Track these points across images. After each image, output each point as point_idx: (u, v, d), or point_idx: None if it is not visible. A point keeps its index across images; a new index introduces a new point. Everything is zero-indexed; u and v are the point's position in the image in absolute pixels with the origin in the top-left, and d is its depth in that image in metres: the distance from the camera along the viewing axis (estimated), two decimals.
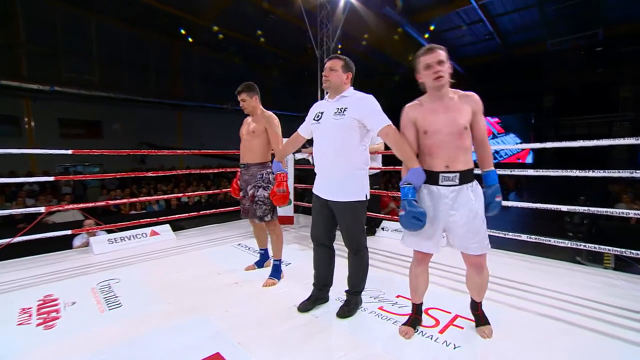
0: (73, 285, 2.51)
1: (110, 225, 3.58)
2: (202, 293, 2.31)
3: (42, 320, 1.95)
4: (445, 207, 1.59)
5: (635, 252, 2.33)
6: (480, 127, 1.61)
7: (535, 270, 2.67)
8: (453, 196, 1.58)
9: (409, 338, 1.70)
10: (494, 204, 1.61)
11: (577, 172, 2.45)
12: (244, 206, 2.61)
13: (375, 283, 2.34)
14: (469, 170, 1.59)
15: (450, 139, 1.56)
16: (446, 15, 10.53)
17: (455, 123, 1.55)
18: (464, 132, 1.56)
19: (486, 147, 1.64)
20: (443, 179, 1.58)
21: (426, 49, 1.59)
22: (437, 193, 1.60)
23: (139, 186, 9.41)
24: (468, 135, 1.58)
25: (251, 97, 2.46)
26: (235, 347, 1.63)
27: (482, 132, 1.61)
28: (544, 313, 1.97)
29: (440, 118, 1.57)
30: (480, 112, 1.60)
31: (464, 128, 1.55)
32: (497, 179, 1.64)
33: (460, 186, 1.57)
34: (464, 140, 1.56)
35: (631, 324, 1.84)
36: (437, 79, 1.54)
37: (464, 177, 1.57)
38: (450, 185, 1.58)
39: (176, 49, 13.85)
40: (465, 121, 1.56)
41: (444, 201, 1.59)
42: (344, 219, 1.91)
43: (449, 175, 1.57)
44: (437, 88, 1.57)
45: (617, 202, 6.61)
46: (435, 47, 1.58)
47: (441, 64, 1.54)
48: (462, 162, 1.57)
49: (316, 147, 1.97)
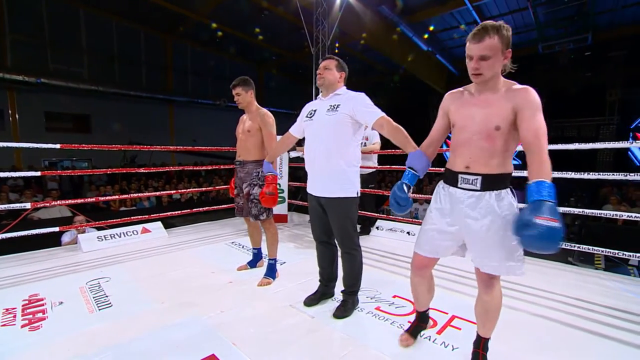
0: (60, 284, 2.43)
1: (101, 222, 3.49)
2: (196, 292, 2.25)
3: (28, 321, 1.88)
4: (460, 212, 1.37)
5: (623, 253, 2.37)
6: (526, 128, 1.26)
7: (529, 271, 2.67)
8: (471, 202, 1.35)
9: (406, 347, 1.63)
10: (532, 231, 1.07)
11: (572, 174, 2.48)
12: (238, 204, 2.56)
13: (371, 283, 2.32)
14: (498, 175, 1.32)
15: (476, 138, 1.33)
16: (441, 16, 10.59)
17: (485, 121, 1.31)
18: (494, 133, 1.30)
19: (534, 153, 1.24)
20: (462, 181, 1.37)
21: (474, 32, 1.28)
22: (454, 196, 1.40)
23: (129, 182, 9.23)
24: (502, 136, 1.30)
25: (246, 92, 2.43)
26: (230, 349, 1.60)
27: (529, 133, 1.25)
28: (538, 313, 1.99)
29: (471, 113, 1.36)
30: (529, 110, 1.26)
31: (494, 128, 1.30)
32: (548, 196, 1.12)
33: (482, 192, 1.33)
34: (494, 142, 1.30)
35: (621, 324, 1.87)
36: (474, 76, 1.32)
37: (488, 182, 1.32)
38: (470, 189, 1.35)
39: (169, 43, 13.63)
40: (499, 120, 1.29)
41: (460, 206, 1.37)
42: (335, 216, 1.91)
43: (468, 178, 1.35)
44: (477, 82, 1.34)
45: (604, 204, 6.76)
46: (484, 34, 1.25)
47: (484, 59, 1.27)
48: (487, 164, 1.32)
49: (308, 144, 1.97)
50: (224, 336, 1.70)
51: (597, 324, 1.87)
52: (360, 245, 2.00)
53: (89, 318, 1.93)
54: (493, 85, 1.33)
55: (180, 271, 2.66)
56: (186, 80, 14.44)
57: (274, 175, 2.22)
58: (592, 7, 8.81)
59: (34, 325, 1.83)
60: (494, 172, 1.32)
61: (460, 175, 1.38)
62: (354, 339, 1.70)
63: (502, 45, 1.26)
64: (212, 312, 1.96)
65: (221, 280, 2.48)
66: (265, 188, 2.20)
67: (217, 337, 1.69)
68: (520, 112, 1.27)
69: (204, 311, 1.98)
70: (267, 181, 2.21)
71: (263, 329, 1.80)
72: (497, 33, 1.25)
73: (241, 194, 2.49)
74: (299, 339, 1.71)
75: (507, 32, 1.27)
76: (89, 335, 1.74)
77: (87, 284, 2.40)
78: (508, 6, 9.89)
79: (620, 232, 4.69)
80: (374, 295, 2.20)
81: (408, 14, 10.35)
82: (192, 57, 14.38)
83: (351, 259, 1.98)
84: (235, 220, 4.52)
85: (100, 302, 2.13)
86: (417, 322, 1.72)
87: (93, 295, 2.22)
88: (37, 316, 1.93)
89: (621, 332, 1.79)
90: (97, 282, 2.44)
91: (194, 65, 14.51)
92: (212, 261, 2.90)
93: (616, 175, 2.30)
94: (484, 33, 1.25)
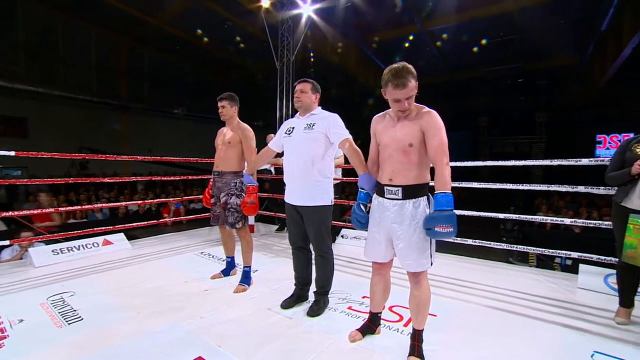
0: (16, 301, 2.27)
1: (56, 235, 3.28)
2: (173, 301, 2.26)
3: None
4: (388, 219, 1.61)
5: (550, 251, 2.84)
6: (430, 146, 1.53)
7: (478, 270, 3.06)
8: (396, 210, 1.59)
9: (353, 342, 1.77)
10: (431, 233, 1.48)
11: (510, 185, 2.91)
12: (214, 213, 2.62)
13: (342, 286, 2.51)
14: (415, 186, 1.57)
15: (396, 154, 1.59)
16: (397, 38, 11.45)
17: (402, 140, 1.57)
18: (409, 150, 1.56)
19: (437, 168, 1.53)
20: (387, 192, 1.62)
21: (396, 83, 1.49)
22: (383, 205, 1.64)
23: (77, 193, 8.54)
24: (416, 152, 1.56)
25: (232, 107, 2.57)
26: (217, 350, 1.67)
27: (432, 151, 1.53)
28: (484, 304, 2.32)
29: (391, 134, 1.61)
30: (432, 131, 1.52)
31: (408, 145, 1.55)
32: (447, 205, 1.46)
33: (403, 201, 1.58)
34: (410, 157, 1.56)
35: (549, 309, 2.26)
36: (402, 112, 1.57)
37: (408, 192, 1.57)
38: (394, 199, 1.60)
39: (124, 47, 12.97)
40: (412, 139, 1.55)
41: (387, 214, 1.62)
42: (312, 223, 2.09)
43: (392, 189, 1.60)
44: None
45: (537, 212, 7.71)
46: (405, 81, 1.48)
47: (409, 99, 1.52)
48: (407, 177, 1.57)
49: (287, 158, 2.16)
50: (208, 340, 1.76)
51: (529, 310, 2.24)
52: (332, 250, 2.19)
53: (58, 333, 1.86)
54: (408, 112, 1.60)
55: (152, 282, 2.62)
56: (142, 87, 13.80)
57: (255, 186, 2.36)
58: (522, 42, 10.19)
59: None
60: (412, 183, 1.58)
61: (386, 187, 1.63)
62: (331, 335, 1.86)
63: (415, 82, 1.53)
64: (192, 319, 2.00)
65: (196, 288, 2.50)
66: (247, 198, 2.32)
67: (202, 341, 1.75)
68: (426, 132, 1.54)
69: (183, 318, 2.01)
70: (249, 191, 2.33)
71: (245, 330, 1.89)
72: (411, 75, 1.51)
73: (218, 203, 2.56)
74: (280, 336, 1.84)
75: (415, 72, 1.53)
76: (64, 349, 1.69)
77: (49, 300, 2.29)
78: (456, 34, 10.99)
79: (548, 235, 5.42)
80: (345, 297, 2.39)
81: (367, 34, 11.05)
82: (149, 63, 13.81)
83: (324, 262, 2.16)
84: (202, 231, 4.47)
85: (69, 316, 2.05)
86: (368, 322, 1.88)
87: (58, 311, 2.13)
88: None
89: (547, 314, 2.17)
90: (60, 297, 2.33)
91: (152, 72, 13.93)
92: (184, 271, 2.89)
93: (561, 187, 2.69)
94: (405, 80, 1.49)
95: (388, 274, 1.80)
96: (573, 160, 2.56)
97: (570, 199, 9.28)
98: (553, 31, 9.64)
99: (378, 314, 1.89)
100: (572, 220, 2.86)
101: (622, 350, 1.75)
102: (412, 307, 1.66)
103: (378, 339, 1.84)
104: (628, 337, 1.90)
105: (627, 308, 2.07)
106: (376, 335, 1.87)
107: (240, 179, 2.55)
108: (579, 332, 1.95)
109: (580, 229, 5.36)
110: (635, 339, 1.87)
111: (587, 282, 2.63)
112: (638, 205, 1.91)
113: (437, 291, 2.50)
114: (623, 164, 2.00)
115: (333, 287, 2.25)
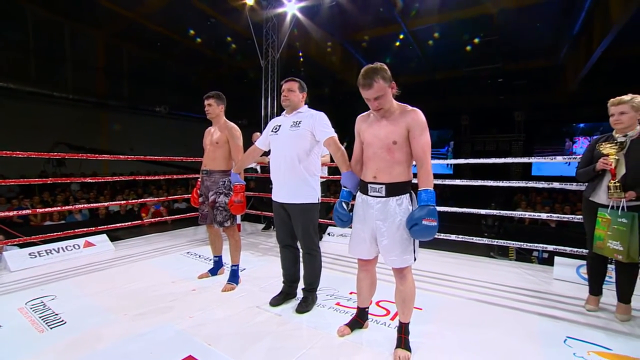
0: None
1: (33, 238, 3.16)
2: (160, 301, 2.24)
3: None
4: (371, 216, 1.64)
5: (528, 245, 2.99)
6: (415, 144, 1.57)
7: (460, 264, 3.17)
8: (379, 207, 1.62)
9: (342, 336, 1.81)
10: (418, 227, 1.49)
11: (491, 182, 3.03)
12: (202, 212, 2.61)
13: (329, 282, 2.55)
14: (397, 183, 1.60)
15: (380, 151, 1.61)
16: (380, 37, 11.57)
17: (386, 138, 1.59)
18: (392, 147, 1.59)
19: (421, 165, 1.57)
20: (371, 190, 1.65)
21: (362, 83, 1.55)
22: (367, 202, 1.67)
23: (52, 193, 8.23)
24: (400, 150, 1.59)
25: (218, 105, 2.56)
26: (206, 349, 1.67)
27: (417, 149, 1.57)
28: (468, 297, 2.41)
29: (375, 132, 1.64)
30: (417, 129, 1.56)
31: (392, 143, 1.58)
32: (429, 200, 1.51)
33: (386, 198, 1.61)
34: (393, 154, 1.59)
35: (526, 299, 2.37)
36: (377, 111, 1.62)
37: (391, 190, 1.60)
38: (377, 196, 1.62)
39: (101, 41, 12.51)
40: (395, 137, 1.58)
41: (370, 211, 1.65)
42: (299, 220, 2.11)
43: (375, 187, 1.63)
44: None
45: (516, 207, 8.01)
46: (371, 81, 1.53)
47: (378, 99, 1.56)
48: (389, 174, 1.60)
49: (273, 155, 2.17)
50: (197, 338, 1.76)
51: (508, 300, 2.35)
52: (320, 247, 2.22)
53: (40, 337, 1.81)
54: (390, 110, 1.63)
55: (137, 283, 2.58)
56: (121, 83, 13.37)
57: (242, 185, 2.35)
58: (501, 44, 10.52)
59: None
60: (395, 180, 1.61)
61: (369, 185, 1.65)
62: (320, 330, 1.90)
63: (385, 82, 1.55)
64: (181, 319, 1.99)
65: (184, 288, 2.48)
66: (234, 197, 2.31)
67: (191, 340, 1.75)
68: (410, 130, 1.58)
69: (171, 318, 2.00)
70: (236, 190, 2.32)
71: (235, 328, 1.90)
72: (379, 75, 1.53)
73: (206, 201, 2.54)
74: (270, 333, 1.86)
75: (385, 72, 1.56)
76: (47, 354, 1.65)
77: (28, 304, 2.21)
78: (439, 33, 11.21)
79: (526, 230, 5.66)
80: (333, 293, 2.43)
81: (351, 32, 11.11)
82: (128, 59, 13.38)
83: (312, 259, 2.19)
84: (186, 231, 4.41)
85: (50, 320, 2.00)
86: (356, 317, 1.92)
87: (39, 315, 2.06)
88: None
89: (524, 304, 2.29)
90: (40, 301, 2.26)
91: (131, 68, 13.51)
92: (170, 271, 2.86)
93: (521, 183, 2.87)
94: (371, 80, 1.53)
95: (373, 269, 1.85)
96: (549, 158, 2.69)
97: (547, 194, 9.69)
98: (530, 33, 10.01)
99: (365, 309, 1.93)
100: (548, 215, 3.01)
101: (592, 335, 1.88)
102: (397, 301, 1.71)
103: (366, 333, 1.89)
104: (597, 322, 2.03)
105: (596, 295, 2.21)
106: (364, 329, 1.91)
107: (229, 177, 2.54)
108: (552, 320, 2.06)
109: (556, 223, 5.62)
110: (603, 324, 2.00)
111: (562, 273, 2.78)
112: (604, 199, 2.03)
113: (422, 285, 2.58)
114: (591, 160, 2.12)
115: (321, 284, 2.28)
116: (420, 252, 1.69)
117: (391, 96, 1.62)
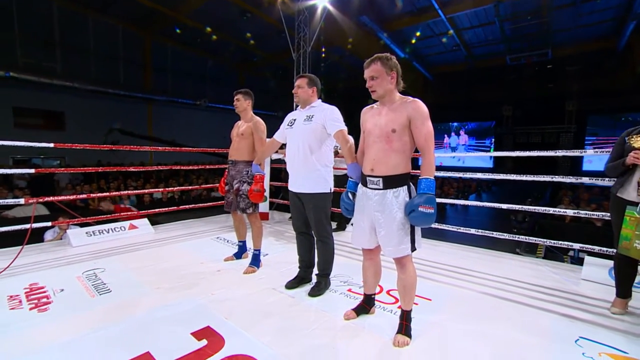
0: (57, 274, 2.60)
1: (90, 219, 3.62)
2: (188, 279, 2.50)
3: (34, 305, 2.07)
4: (370, 208, 1.70)
5: (560, 243, 2.83)
6: (418, 133, 1.60)
7: (481, 259, 3.11)
8: (377, 199, 1.67)
9: (347, 320, 1.90)
10: (415, 214, 1.55)
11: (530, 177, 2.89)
12: (227, 199, 2.84)
13: (345, 270, 2.67)
14: (395, 176, 1.64)
15: (378, 140, 1.65)
16: (416, 25, 11.18)
17: (385, 127, 1.63)
18: (391, 135, 1.61)
19: (424, 154, 1.62)
20: (369, 182, 1.70)
21: (365, 64, 1.66)
22: (366, 194, 1.73)
23: (107, 181, 9.15)
24: (399, 139, 1.62)
25: (245, 100, 2.77)
26: (223, 321, 1.88)
27: (420, 138, 1.61)
28: (481, 291, 2.40)
29: (375, 121, 1.69)
30: (419, 119, 1.59)
31: (391, 131, 1.61)
32: (429, 189, 1.57)
33: (384, 191, 1.65)
34: (391, 143, 1.62)
35: (543, 297, 2.31)
36: (372, 93, 1.68)
37: (388, 182, 1.64)
38: (375, 188, 1.68)
39: (147, 40, 13.48)
40: (395, 125, 1.61)
41: (369, 202, 1.70)
42: (312, 209, 2.24)
43: (373, 179, 1.67)
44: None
45: (559, 204, 7.48)
46: (372, 60, 1.64)
47: (373, 79, 1.64)
48: (386, 165, 1.64)
49: (289, 148, 2.32)
50: (216, 312, 1.98)
51: (523, 297, 2.30)
52: (332, 234, 2.34)
53: (91, 301, 2.14)
54: (390, 100, 1.69)
55: (171, 262, 2.89)
56: (165, 79, 14.33)
57: (262, 175, 2.53)
58: (551, 26, 9.65)
59: (41, 308, 2.03)
60: (392, 173, 1.64)
61: (368, 178, 1.71)
62: (327, 312, 2.03)
63: (384, 68, 1.63)
64: (204, 294, 2.23)
65: (210, 269, 2.74)
66: (253, 186, 2.50)
67: (211, 313, 1.97)
68: (412, 120, 1.61)
69: (196, 293, 2.24)
70: (256, 180, 2.51)
71: (250, 306, 2.09)
72: (380, 60, 1.64)
73: (231, 190, 2.76)
74: (280, 312, 2.02)
75: (389, 60, 1.64)
76: (95, 314, 1.97)
77: (84, 274, 2.59)
78: (478, 19, 10.60)
79: (565, 228, 5.30)
80: (347, 280, 2.54)
81: (386, 22, 10.87)
82: (172, 56, 14.28)
83: (324, 246, 2.32)
84: (218, 218, 4.74)
85: (100, 288, 2.34)
86: (363, 303, 2.00)
87: (92, 283, 2.42)
88: (42, 301, 2.13)
89: (540, 302, 2.23)
90: (93, 272, 2.63)
91: (174, 64, 14.42)
92: (200, 253, 3.14)
93: (565, 178, 2.68)
94: (371, 61, 1.65)
95: (377, 258, 1.92)
96: (577, 151, 2.54)
97: (599, 191, 8.89)
98: (586, 12, 9.09)
99: (372, 295, 2.02)
100: (575, 212, 2.84)
101: (608, 337, 1.81)
102: (399, 289, 1.77)
103: (371, 318, 1.98)
104: (618, 326, 1.93)
105: (624, 298, 2.09)
106: (370, 314, 2.01)
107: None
108: (568, 319, 2.00)
109: (602, 222, 5.20)
110: (625, 328, 1.91)
111: (591, 274, 2.63)
112: (633, 196, 1.91)
113: (435, 277, 2.61)
114: (622, 154, 1.99)
115: (336, 271, 2.40)
116: (441, 245, 1.74)
117: (390, 85, 1.67)
